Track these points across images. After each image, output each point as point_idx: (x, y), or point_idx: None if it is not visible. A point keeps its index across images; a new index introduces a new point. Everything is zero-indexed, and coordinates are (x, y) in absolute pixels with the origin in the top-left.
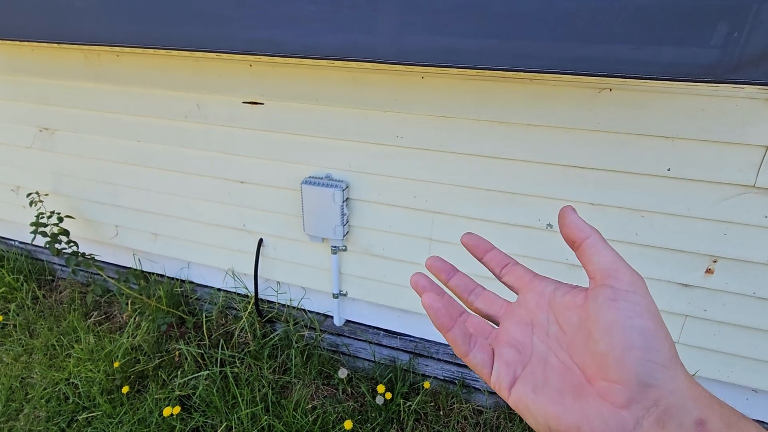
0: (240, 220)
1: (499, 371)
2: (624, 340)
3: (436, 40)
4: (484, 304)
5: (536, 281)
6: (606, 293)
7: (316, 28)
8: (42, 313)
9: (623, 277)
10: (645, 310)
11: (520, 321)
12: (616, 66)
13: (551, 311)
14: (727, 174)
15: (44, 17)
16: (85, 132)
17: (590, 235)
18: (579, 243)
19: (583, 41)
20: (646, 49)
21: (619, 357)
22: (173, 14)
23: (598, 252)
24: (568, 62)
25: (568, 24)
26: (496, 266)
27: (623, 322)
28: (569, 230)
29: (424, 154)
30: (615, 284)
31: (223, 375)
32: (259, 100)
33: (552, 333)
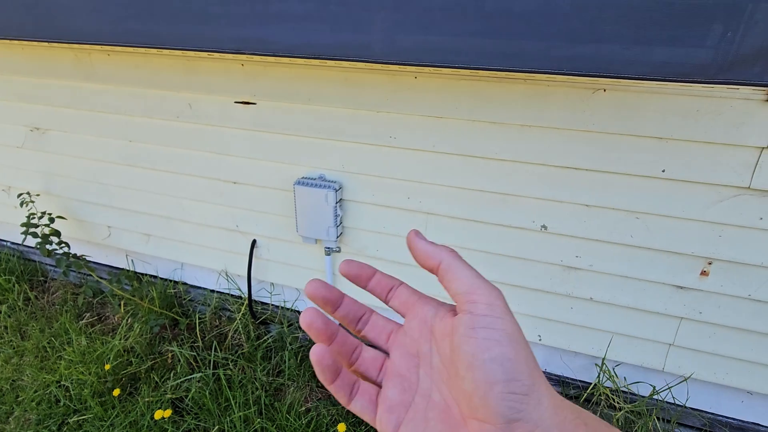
0: (233, 221)
1: (381, 418)
2: (485, 376)
3: (429, 39)
4: (374, 333)
5: (419, 305)
6: (465, 322)
7: (306, 26)
8: (34, 314)
9: (480, 299)
10: (504, 335)
11: (406, 352)
12: (610, 66)
13: (433, 340)
14: (722, 175)
15: (31, 15)
16: (76, 132)
17: (442, 259)
18: (434, 269)
19: (576, 41)
20: (639, 49)
21: (483, 395)
22: (159, 12)
23: (454, 275)
24: (562, 62)
25: (562, 24)
26: (381, 292)
27: (483, 354)
28: (421, 259)
29: (417, 155)
30: (473, 309)
31: (216, 377)
32: (252, 99)
33: (435, 365)
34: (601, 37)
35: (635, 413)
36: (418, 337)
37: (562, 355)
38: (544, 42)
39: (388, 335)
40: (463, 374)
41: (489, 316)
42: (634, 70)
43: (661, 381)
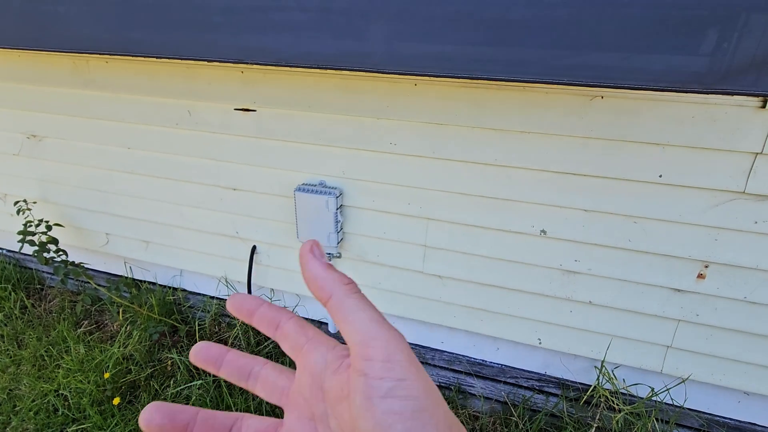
0: (233, 228)
1: None
2: None
3: (429, 48)
4: (265, 391)
5: (306, 351)
6: (361, 389)
7: (307, 35)
8: (31, 322)
9: (376, 354)
10: (406, 405)
11: (301, 415)
12: (608, 75)
13: (327, 401)
14: (717, 180)
15: (31, 24)
16: (74, 139)
17: (333, 293)
18: (324, 302)
19: (575, 50)
20: (637, 59)
21: None
22: (161, 22)
23: (345, 317)
24: (561, 71)
25: (561, 33)
26: (267, 328)
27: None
28: (311, 285)
29: (417, 161)
30: (368, 370)
31: (217, 384)
32: (252, 107)
33: (334, 428)
34: (600, 46)
35: (634, 415)
36: (309, 396)
37: (561, 358)
38: (543, 51)
39: (280, 393)
40: None
41: (387, 379)
42: (632, 79)
43: (660, 383)
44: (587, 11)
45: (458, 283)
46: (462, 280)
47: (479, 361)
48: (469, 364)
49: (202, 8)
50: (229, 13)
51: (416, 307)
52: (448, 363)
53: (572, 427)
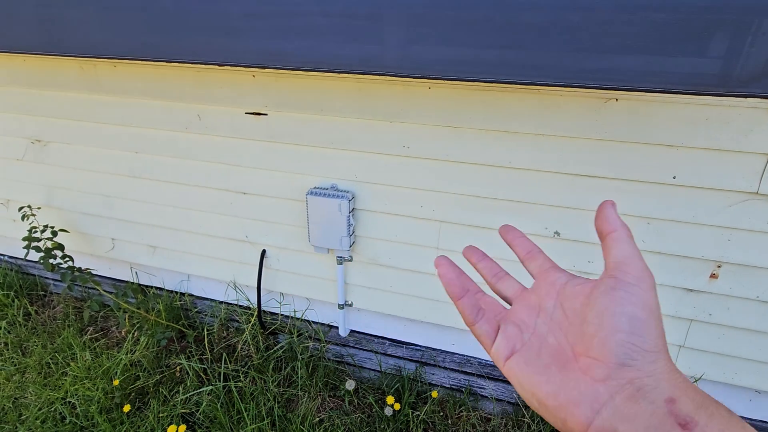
0: (242, 232)
1: (499, 343)
2: (611, 324)
3: (448, 52)
4: (503, 286)
5: (551, 272)
6: (609, 282)
7: (329, 40)
8: (35, 329)
9: (631, 271)
10: (640, 302)
11: (529, 304)
12: (625, 78)
13: (558, 299)
14: (731, 181)
15: (41, 29)
16: (79, 143)
17: (617, 229)
18: (605, 235)
19: (591, 53)
20: (653, 62)
21: (604, 337)
22: (181, 26)
23: (618, 246)
24: (576, 74)
25: (576, 36)
26: (521, 251)
27: (615, 308)
28: (600, 222)
29: (431, 164)
30: (620, 276)
31: (227, 389)
32: (263, 110)
33: (555, 318)
34: (617, 49)
35: None
36: (543, 295)
37: None
38: (559, 54)
39: (515, 291)
40: (591, 320)
41: (634, 285)
42: (649, 82)
43: None
44: (603, 15)
45: None
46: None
47: (490, 363)
48: (480, 365)
49: (223, 13)
50: (251, 18)
51: (428, 309)
52: (459, 365)
53: None
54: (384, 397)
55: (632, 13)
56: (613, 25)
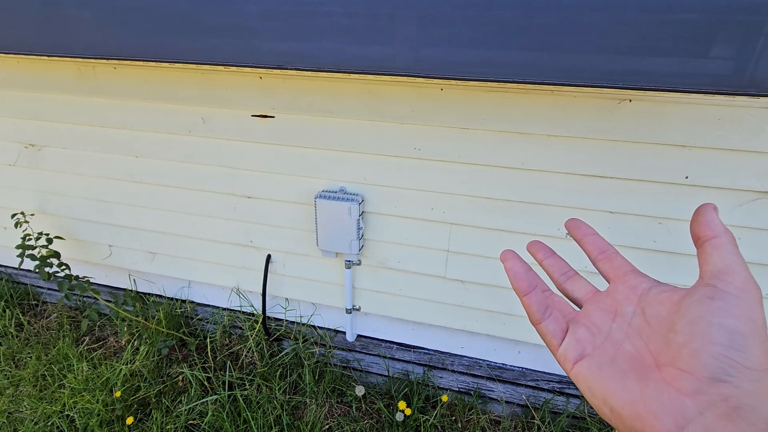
0: (246, 237)
1: (568, 345)
2: (705, 335)
3: (470, 53)
4: (573, 287)
5: (632, 275)
6: (705, 291)
7: (351, 41)
8: (28, 341)
9: (734, 281)
10: (743, 314)
11: (603, 308)
12: (640, 78)
13: (640, 305)
14: (742, 181)
15: (40, 29)
16: (76, 148)
17: (718, 235)
18: (703, 240)
19: (607, 54)
20: (667, 61)
21: (696, 348)
22: (194, 27)
23: (719, 253)
24: (592, 75)
25: (592, 37)
26: (593, 250)
27: (711, 318)
28: (699, 226)
29: (442, 166)
30: (720, 285)
31: (233, 398)
32: (270, 113)
33: (634, 324)
34: (633, 50)
35: None
36: (621, 299)
37: None
38: (575, 54)
39: (587, 293)
40: (680, 329)
41: (736, 297)
42: (663, 82)
43: None
44: (619, 17)
45: (481, 287)
46: (485, 285)
47: (499, 365)
48: (489, 368)
49: (238, 13)
50: (271, 19)
51: (437, 312)
52: (468, 368)
53: (596, 428)
54: (392, 402)
55: (648, 15)
56: (630, 27)
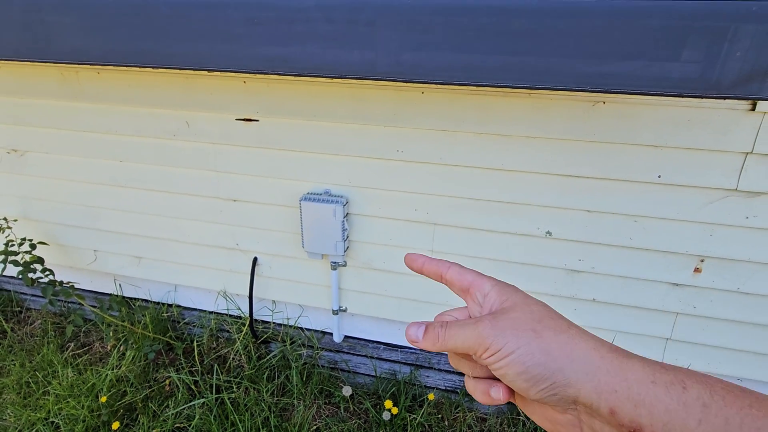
0: (232, 240)
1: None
2: (519, 388)
3: (449, 58)
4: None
5: (473, 291)
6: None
7: (331, 46)
8: (11, 348)
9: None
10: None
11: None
12: (611, 81)
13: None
14: (712, 179)
15: (22, 34)
16: (60, 153)
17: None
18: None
19: (581, 59)
20: (637, 65)
21: (537, 397)
22: (178, 32)
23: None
24: (567, 78)
25: (566, 42)
26: (435, 277)
27: (507, 375)
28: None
29: (425, 167)
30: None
31: (220, 401)
32: (254, 116)
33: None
34: (605, 55)
35: None
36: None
37: None
38: (550, 59)
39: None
40: (510, 379)
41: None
42: (633, 85)
43: None
44: (593, 23)
45: None
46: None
47: None
48: None
49: (222, 20)
50: (254, 25)
51: (423, 311)
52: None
53: None
54: (380, 402)
55: (621, 21)
56: (602, 33)
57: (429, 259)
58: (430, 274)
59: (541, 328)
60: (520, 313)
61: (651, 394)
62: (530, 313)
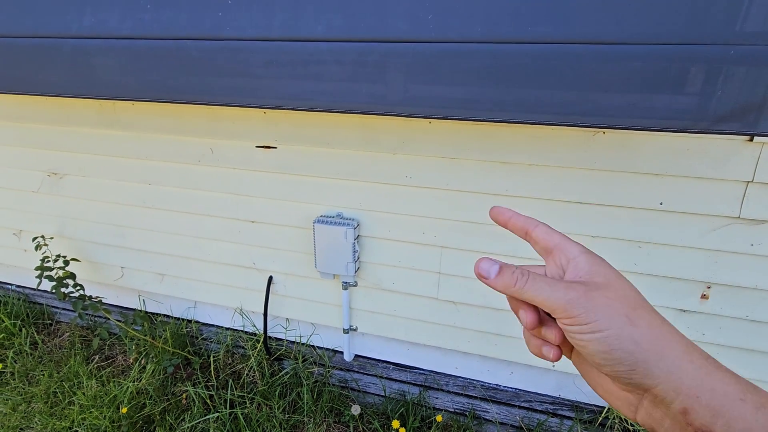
0: (250, 259)
1: None
2: (596, 365)
3: (454, 93)
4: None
5: (559, 251)
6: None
7: (343, 85)
8: (41, 359)
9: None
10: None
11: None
12: (610, 117)
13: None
14: (714, 206)
15: (69, 73)
16: (95, 176)
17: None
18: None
19: (578, 94)
20: (635, 100)
21: (609, 372)
22: (208, 72)
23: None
24: (565, 114)
25: (564, 80)
26: (520, 233)
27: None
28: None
29: (432, 193)
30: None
31: (233, 416)
32: (273, 144)
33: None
34: (602, 91)
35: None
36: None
37: (575, 380)
38: (549, 95)
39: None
40: (599, 362)
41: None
42: (629, 121)
43: None
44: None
45: (472, 308)
46: (476, 306)
47: (493, 386)
48: (483, 389)
49: (246, 62)
50: (271, 66)
51: (430, 333)
52: (462, 389)
53: None
54: (388, 422)
55: (616, 61)
56: (599, 70)
57: (516, 214)
58: (516, 229)
59: (636, 317)
60: (614, 294)
61: (736, 410)
62: (625, 297)
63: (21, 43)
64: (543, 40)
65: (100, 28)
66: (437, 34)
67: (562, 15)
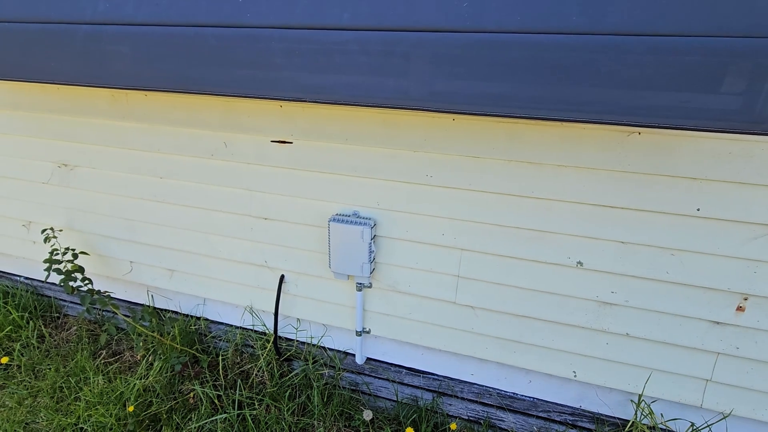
0: (261, 257)
1: None
2: None
3: (482, 88)
4: None
5: None
6: None
7: (365, 77)
8: (48, 352)
9: None
10: None
11: None
12: (648, 114)
13: None
14: (755, 214)
15: (81, 61)
16: (106, 168)
17: None
18: None
19: (615, 90)
20: (677, 99)
21: None
22: (225, 61)
23: None
24: (600, 110)
25: (601, 74)
26: None
27: None
28: None
29: (453, 193)
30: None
31: (241, 418)
32: (288, 139)
33: None
34: (641, 87)
35: None
36: None
37: (597, 391)
38: (583, 90)
39: None
40: None
41: None
42: (670, 119)
43: (699, 418)
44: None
45: (491, 314)
46: (495, 311)
47: (510, 394)
48: (500, 397)
49: (267, 51)
50: (293, 56)
51: (447, 338)
52: (477, 396)
53: None
54: (400, 429)
55: (656, 55)
56: (638, 65)
57: None
58: None
59: None
60: None
61: None
62: None
63: (32, 28)
64: (588, 31)
65: (114, 13)
66: (473, 23)
67: (611, 2)
